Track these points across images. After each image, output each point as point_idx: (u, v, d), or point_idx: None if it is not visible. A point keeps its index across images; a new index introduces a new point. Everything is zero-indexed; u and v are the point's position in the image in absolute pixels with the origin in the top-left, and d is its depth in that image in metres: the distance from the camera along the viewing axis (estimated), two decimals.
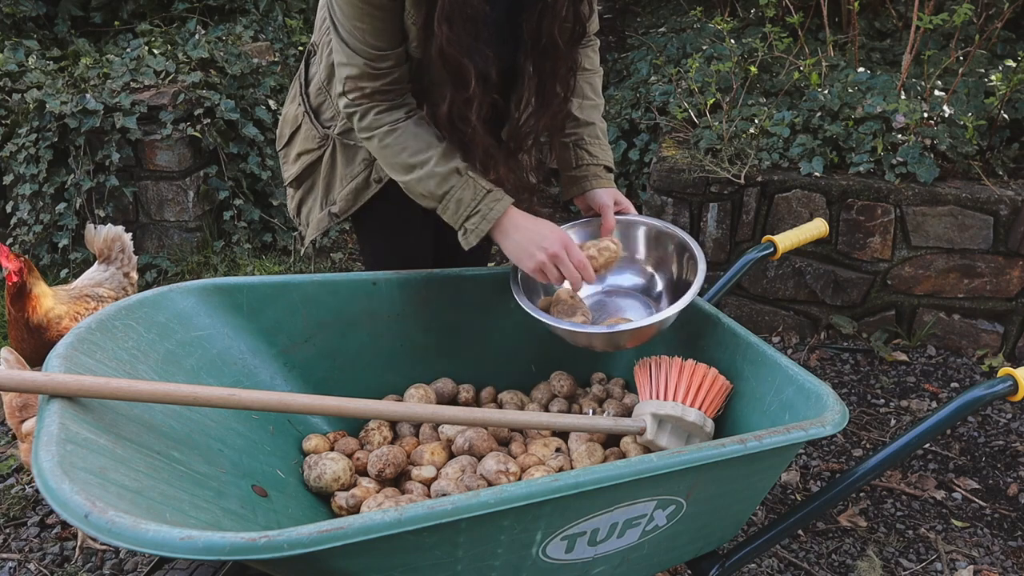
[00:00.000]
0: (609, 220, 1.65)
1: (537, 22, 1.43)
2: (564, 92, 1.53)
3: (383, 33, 1.39)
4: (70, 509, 0.86)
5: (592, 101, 1.70)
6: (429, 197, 1.46)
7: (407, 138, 1.45)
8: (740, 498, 1.33)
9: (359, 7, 1.36)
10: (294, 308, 1.55)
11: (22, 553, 1.98)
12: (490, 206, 1.44)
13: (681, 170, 2.88)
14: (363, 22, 1.37)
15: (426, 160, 1.44)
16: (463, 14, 1.33)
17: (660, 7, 5.03)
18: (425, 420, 1.30)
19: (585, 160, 1.68)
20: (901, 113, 2.78)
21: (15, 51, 3.65)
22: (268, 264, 3.45)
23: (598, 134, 1.71)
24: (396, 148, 1.45)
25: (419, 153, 1.44)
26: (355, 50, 1.40)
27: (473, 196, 1.44)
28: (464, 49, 1.36)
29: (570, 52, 1.49)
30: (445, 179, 1.44)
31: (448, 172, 1.44)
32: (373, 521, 0.90)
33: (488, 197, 1.44)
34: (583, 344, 1.51)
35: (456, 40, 1.35)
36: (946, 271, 2.79)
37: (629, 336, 1.47)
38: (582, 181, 1.68)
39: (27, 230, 3.34)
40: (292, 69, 4.15)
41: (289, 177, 1.74)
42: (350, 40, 1.40)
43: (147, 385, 1.12)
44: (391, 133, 1.45)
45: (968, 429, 2.50)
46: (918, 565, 1.98)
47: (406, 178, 1.47)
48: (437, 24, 1.34)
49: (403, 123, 1.46)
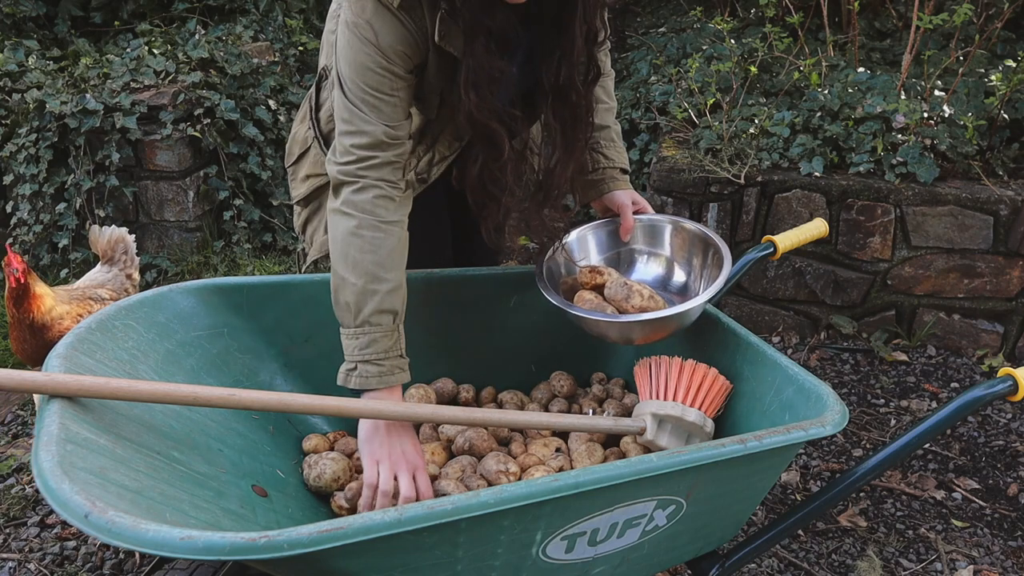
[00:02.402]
0: (628, 220, 1.65)
1: (556, 71, 1.40)
2: (585, 137, 1.52)
3: (402, 103, 1.35)
4: (70, 509, 0.86)
5: (606, 104, 1.70)
6: (351, 311, 1.31)
7: (385, 248, 1.32)
8: (740, 498, 1.33)
9: (381, 77, 1.30)
10: (294, 308, 1.55)
11: (22, 553, 1.98)
12: (392, 371, 1.32)
13: (681, 170, 2.88)
14: (383, 92, 1.32)
15: (383, 280, 1.31)
16: (488, 77, 1.30)
17: (660, 7, 5.04)
18: (425, 420, 1.30)
19: (602, 163, 1.68)
20: (901, 113, 2.78)
21: (15, 51, 3.65)
22: (268, 264, 3.45)
23: (613, 137, 1.71)
24: (368, 247, 1.31)
25: (383, 269, 1.31)
26: (372, 118, 1.32)
27: (387, 350, 1.31)
28: (493, 114, 1.33)
29: (588, 95, 1.47)
30: (381, 313, 1.31)
31: (389, 309, 1.32)
32: (373, 521, 0.90)
33: (398, 361, 1.33)
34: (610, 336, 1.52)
35: (483, 105, 1.32)
36: (946, 271, 2.79)
37: (646, 328, 1.47)
38: (599, 184, 1.68)
39: (27, 230, 3.34)
40: (292, 69, 4.15)
41: (297, 196, 1.72)
42: (366, 108, 1.32)
43: (147, 385, 1.12)
44: (376, 230, 1.32)
45: (968, 429, 2.50)
46: (918, 565, 1.98)
47: (348, 277, 1.31)
48: (463, 91, 1.30)
49: (392, 229, 1.34)
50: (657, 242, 1.70)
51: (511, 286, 1.73)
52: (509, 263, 3.64)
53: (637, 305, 1.49)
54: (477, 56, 1.29)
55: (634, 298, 1.49)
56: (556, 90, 1.42)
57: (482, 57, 1.29)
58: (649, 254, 1.70)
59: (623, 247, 1.71)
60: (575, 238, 1.70)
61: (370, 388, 1.31)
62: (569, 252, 1.67)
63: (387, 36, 1.29)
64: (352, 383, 1.31)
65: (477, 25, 1.27)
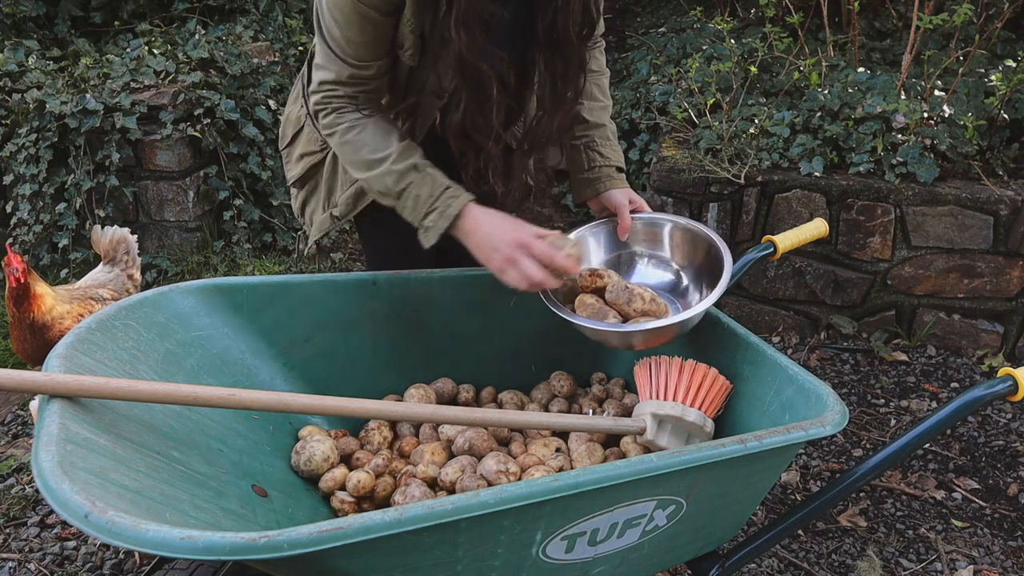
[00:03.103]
0: (625, 219, 1.65)
1: (551, 20, 1.41)
2: (574, 91, 1.52)
3: (373, 44, 1.38)
4: (70, 509, 0.86)
5: (601, 103, 1.70)
6: (387, 194, 1.43)
7: (367, 135, 1.42)
8: (740, 498, 1.33)
9: (354, 18, 1.33)
10: (294, 308, 1.55)
11: (22, 553, 1.98)
12: (447, 202, 1.39)
13: (681, 170, 2.88)
14: (356, 33, 1.35)
15: (385, 157, 1.41)
16: (479, 18, 1.31)
17: (660, 7, 5.04)
18: (425, 420, 1.30)
19: (597, 162, 1.68)
20: (901, 113, 2.78)
21: (15, 51, 3.65)
22: (268, 264, 3.45)
23: (608, 135, 1.71)
24: (356, 144, 1.43)
25: (378, 151, 1.41)
26: (341, 58, 1.38)
27: (431, 193, 1.39)
28: (482, 54, 1.34)
29: (580, 49, 1.47)
30: (403, 175, 1.40)
31: (406, 168, 1.40)
32: (373, 521, 0.90)
33: (446, 193, 1.40)
34: (611, 342, 1.51)
35: (474, 45, 1.32)
36: (946, 271, 2.79)
37: (648, 335, 1.46)
38: (595, 183, 1.68)
39: (27, 230, 3.34)
40: (292, 69, 4.15)
41: (292, 177, 1.73)
42: (336, 48, 1.38)
43: (147, 385, 1.12)
44: (351, 130, 1.43)
45: (968, 429, 2.50)
46: (918, 565, 1.98)
47: (365, 175, 1.44)
48: (454, 30, 1.31)
49: (364, 120, 1.43)
50: (657, 243, 1.69)
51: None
52: None
53: (639, 309, 1.48)
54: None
55: (636, 302, 1.49)
56: (550, 40, 1.43)
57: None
58: (650, 256, 1.70)
59: (623, 249, 1.71)
60: (574, 239, 1.69)
61: (446, 228, 1.39)
62: None
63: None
64: (431, 237, 1.40)
65: None
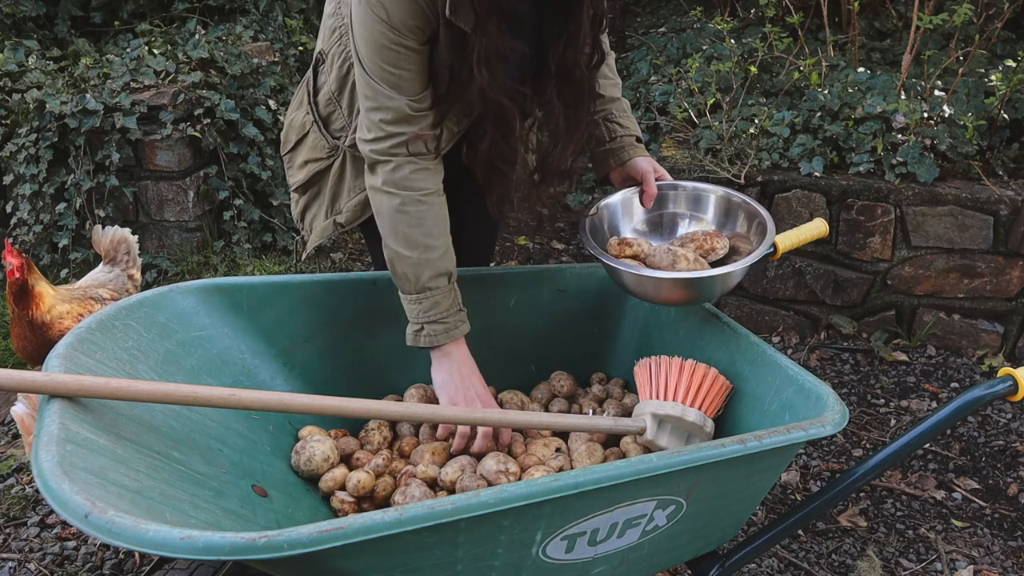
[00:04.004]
0: (652, 187, 1.67)
1: (562, 53, 1.42)
2: (587, 118, 1.53)
3: (421, 75, 1.39)
4: (70, 509, 0.86)
5: (611, 80, 1.71)
6: (409, 280, 1.43)
7: (429, 216, 1.42)
8: (740, 498, 1.33)
9: (397, 53, 1.34)
10: (294, 308, 1.55)
11: (22, 553, 1.98)
12: (456, 325, 1.44)
13: (681, 170, 2.88)
14: (401, 67, 1.36)
15: (434, 247, 1.42)
16: (500, 55, 1.32)
17: (660, 7, 5.04)
18: (425, 420, 1.30)
19: (618, 132, 1.69)
20: (901, 113, 2.78)
21: (15, 51, 3.65)
22: (268, 264, 3.45)
23: (625, 108, 1.72)
24: (415, 220, 1.41)
25: (431, 237, 1.42)
26: (393, 93, 1.37)
27: (448, 308, 1.43)
28: (505, 91, 1.35)
29: (591, 78, 1.49)
30: (437, 276, 1.42)
31: (444, 271, 1.43)
32: (373, 521, 0.90)
33: (459, 315, 1.45)
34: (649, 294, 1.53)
35: (496, 83, 1.34)
36: (946, 271, 2.79)
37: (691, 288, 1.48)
38: (619, 152, 1.69)
39: (27, 230, 3.34)
40: (292, 69, 4.15)
41: (295, 183, 1.72)
42: (385, 84, 1.37)
43: (147, 385, 1.12)
44: (419, 204, 1.41)
45: (968, 429, 2.50)
46: (918, 565, 1.98)
47: (403, 251, 1.42)
48: (477, 69, 1.33)
49: (433, 200, 1.43)
50: (701, 208, 1.70)
51: (511, 286, 1.73)
52: (509, 263, 3.64)
53: (684, 270, 1.51)
54: (490, 34, 1.31)
55: (680, 262, 1.51)
56: (561, 71, 1.44)
57: (494, 35, 1.31)
58: (691, 217, 1.70)
59: (666, 209, 1.72)
60: (619, 200, 1.70)
61: (439, 344, 1.43)
62: (612, 214, 1.69)
63: (398, 12, 1.32)
64: (422, 342, 1.44)
65: (490, 3, 1.29)
